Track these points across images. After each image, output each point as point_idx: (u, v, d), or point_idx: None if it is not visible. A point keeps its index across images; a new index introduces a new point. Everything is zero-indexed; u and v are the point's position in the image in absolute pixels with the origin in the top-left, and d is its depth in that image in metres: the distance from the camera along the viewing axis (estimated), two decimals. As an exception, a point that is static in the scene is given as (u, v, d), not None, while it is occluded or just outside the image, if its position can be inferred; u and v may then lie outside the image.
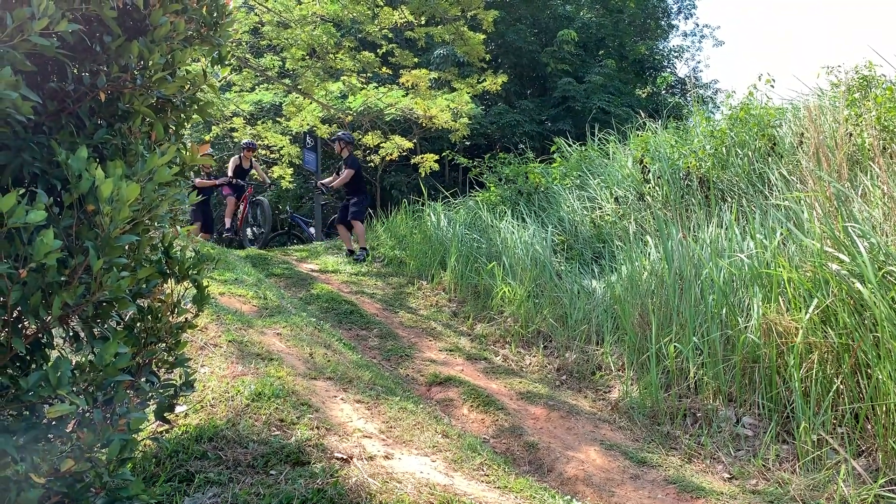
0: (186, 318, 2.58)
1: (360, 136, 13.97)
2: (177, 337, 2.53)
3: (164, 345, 2.47)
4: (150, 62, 2.25)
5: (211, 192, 12.15)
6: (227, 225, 11.81)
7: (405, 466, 3.16)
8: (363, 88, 13.29)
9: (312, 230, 14.08)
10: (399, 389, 4.84)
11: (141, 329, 2.36)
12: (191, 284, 2.54)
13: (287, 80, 13.23)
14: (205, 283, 2.56)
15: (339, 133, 10.74)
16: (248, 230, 12.50)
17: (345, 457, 3.06)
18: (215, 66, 2.83)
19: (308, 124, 13.34)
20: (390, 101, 13.40)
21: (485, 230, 9.69)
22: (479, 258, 8.87)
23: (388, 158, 14.16)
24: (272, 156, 14.74)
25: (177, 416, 3.23)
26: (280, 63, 12.88)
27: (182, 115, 2.62)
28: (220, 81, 2.86)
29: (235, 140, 14.77)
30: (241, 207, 11.86)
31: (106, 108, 2.28)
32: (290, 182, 14.56)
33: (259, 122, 14.57)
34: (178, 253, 2.48)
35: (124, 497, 2.12)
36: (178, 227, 2.57)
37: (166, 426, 3.07)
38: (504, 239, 8.85)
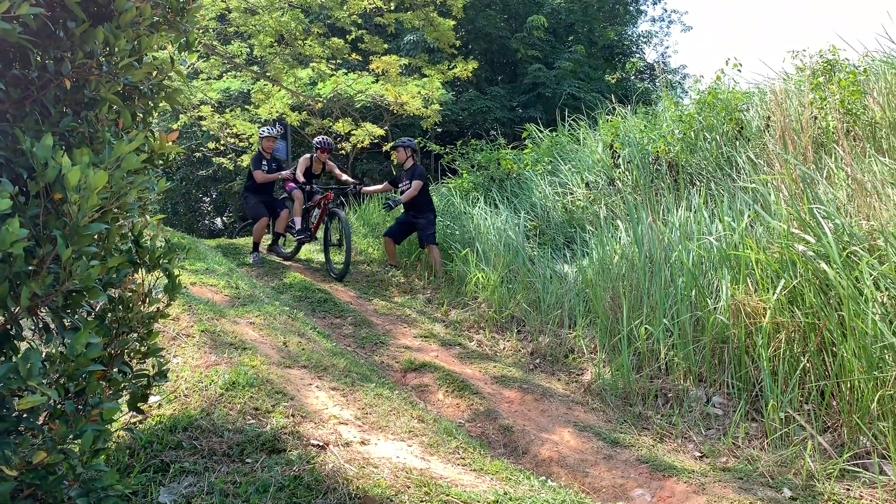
0: (158, 308, 2.56)
1: (331, 124, 13.87)
2: (149, 326, 2.51)
3: (135, 335, 2.45)
4: (116, 48, 2.22)
5: (271, 185, 9.95)
6: (298, 225, 9.41)
7: (382, 452, 3.18)
8: (333, 75, 13.18)
9: (284, 219, 13.97)
10: (374, 376, 4.84)
11: (112, 319, 2.34)
12: (162, 274, 2.52)
13: (255, 68, 13.08)
14: (176, 273, 2.53)
15: (403, 139, 9.44)
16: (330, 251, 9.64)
17: (321, 443, 3.07)
18: (183, 53, 2.79)
19: (277, 112, 13.20)
20: (360, 88, 13.30)
21: (458, 217, 9.71)
22: (453, 244, 8.90)
23: (359, 146, 14.07)
24: (241, 144, 14.56)
25: (150, 406, 3.20)
26: (248, 50, 12.72)
27: (150, 103, 2.58)
28: (187, 69, 2.82)
29: (204, 129, 14.56)
30: (318, 213, 9.39)
31: (71, 96, 2.24)
32: (260, 171, 14.40)
33: (227, 111, 14.38)
34: (149, 242, 2.46)
35: (99, 488, 2.11)
36: (148, 217, 2.55)
37: (140, 417, 3.05)
38: (477, 225, 8.88)
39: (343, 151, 14.48)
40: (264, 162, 9.58)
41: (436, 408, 5.02)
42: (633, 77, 22.14)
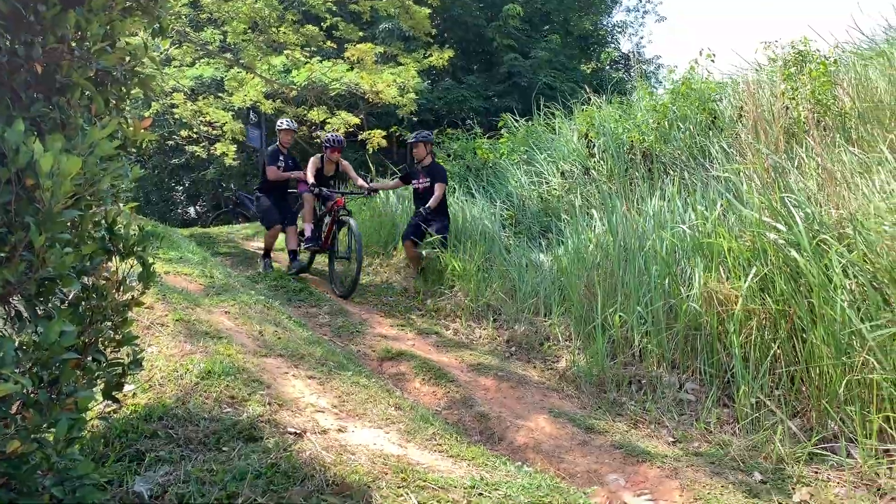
0: (133, 296, 2.53)
1: (305, 112, 13.78)
2: (123, 315, 2.49)
3: (110, 323, 2.42)
4: (89, 33, 2.19)
5: (285, 186, 8.81)
6: (308, 233, 8.29)
7: (359, 439, 3.19)
8: (307, 63, 13.08)
9: (258, 208, 13.87)
10: (351, 365, 4.85)
11: (86, 307, 2.31)
12: (136, 262, 2.49)
13: (228, 55, 12.94)
14: (150, 261, 2.51)
15: (424, 133, 8.69)
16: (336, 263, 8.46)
17: (298, 431, 3.07)
18: (156, 39, 2.76)
19: (251, 99, 13.09)
20: (335, 76, 13.22)
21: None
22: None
23: (334, 134, 14.00)
24: (214, 132, 14.41)
25: (125, 395, 3.18)
26: (221, 37, 12.58)
27: (123, 89, 2.55)
28: (160, 55, 2.79)
29: (177, 117, 14.38)
30: (328, 220, 8.19)
31: (43, 81, 2.20)
32: (233, 159, 14.26)
33: (200, 98, 14.22)
34: (122, 230, 2.43)
35: (74, 477, 2.09)
36: (121, 205, 2.52)
37: (115, 406, 3.02)
38: (453, 214, 8.89)
39: (318, 140, 14.37)
40: (281, 158, 8.51)
41: (412, 396, 5.03)
42: (608, 67, 22.22)
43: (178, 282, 5.45)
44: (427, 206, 7.99)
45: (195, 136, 14.96)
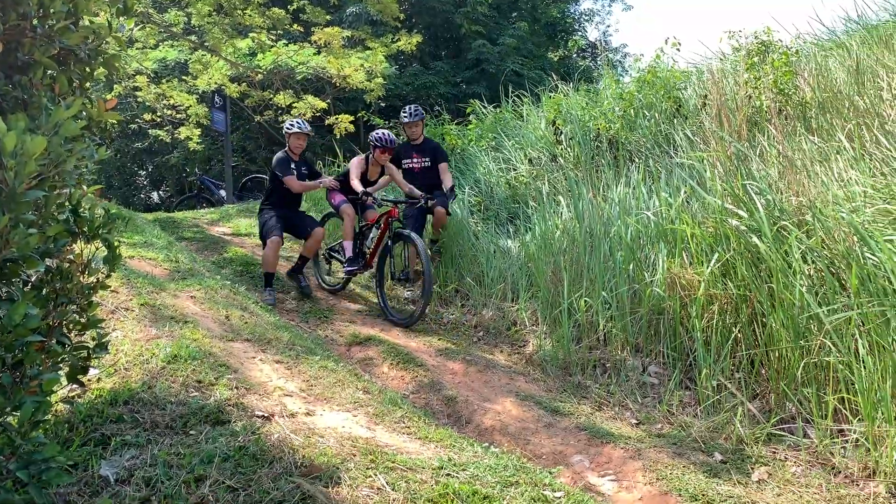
0: (98, 279, 2.51)
1: (271, 96, 13.62)
2: (88, 298, 2.46)
3: (75, 306, 2.40)
4: (52, 10, 2.15)
5: (298, 198, 7.43)
6: (349, 252, 6.83)
7: (327, 422, 3.20)
8: (273, 46, 12.92)
9: (223, 192, 13.73)
10: (319, 349, 4.85)
11: (50, 290, 2.28)
12: (101, 244, 2.47)
13: (193, 37, 12.73)
14: (116, 243, 2.49)
15: (419, 110, 7.78)
16: (390, 287, 7.22)
17: (266, 414, 3.07)
18: (120, 18, 2.71)
19: (216, 83, 12.89)
20: (302, 60, 13.08)
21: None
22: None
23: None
24: (178, 116, 14.18)
25: (90, 379, 3.15)
26: (185, 19, 12.35)
27: (86, 68, 2.51)
28: (123, 35, 2.75)
29: (139, 100, 14.12)
30: (377, 233, 6.81)
31: (3, 59, 2.16)
32: (197, 143, 14.05)
33: (164, 81, 13.97)
34: (87, 212, 2.40)
35: (39, 461, 2.07)
36: (85, 187, 2.48)
37: (79, 389, 3.00)
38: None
39: (282, 124, 14.23)
40: (293, 165, 7.07)
41: (381, 380, 5.05)
42: (575, 55, 22.34)
43: (143, 266, 5.39)
44: (449, 188, 7.15)
45: (158, 119, 14.68)
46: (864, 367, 3.88)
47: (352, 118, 13.37)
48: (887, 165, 5.19)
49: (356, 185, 6.69)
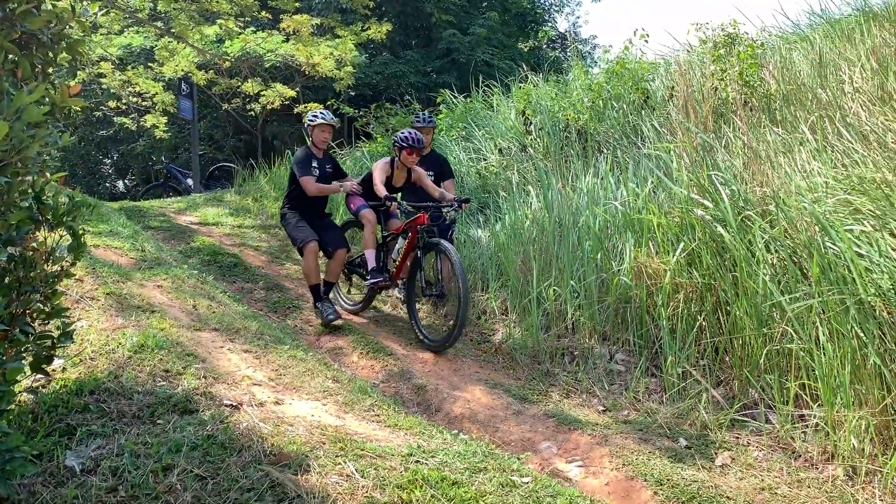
0: (62, 267, 2.48)
1: (239, 84, 13.46)
2: (52, 286, 2.44)
3: (39, 294, 2.37)
4: (13, -7, 2.11)
5: (323, 201, 6.52)
6: (372, 263, 6.08)
7: (296, 411, 3.20)
8: (241, 33, 12.75)
9: (190, 181, 13.57)
10: (288, 339, 4.83)
11: (13, 278, 2.25)
12: (65, 232, 2.44)
13: (159, 24, 12.51)
14: (81, 231, 2.46)
15: (431, 117, 7.26)
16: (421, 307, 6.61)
17: (234, 404, 3.06)
18: (84, 2, 2.67)
19: (183, 70, 12.71)
20: (270, 47, 12.93)
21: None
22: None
23: (269, 107, 13.73)
24: (144, 103, 13.95)
25: (55, 369, 3.10)
26: (151, 5, 12.14)
27: (49, 53, 2.47)
28: (87, 20, 2.70)
29: (104, 87, 13.86)
30: (404, 243, 6.06)
31: (-37, 42, 2.12)
32: (164, 132, 13.85)
33: (129, 68, 13.73)
34: (51, 199, 2.37)
35: (3, 451, 2.05)
36: (49, 174, 2.45)
37: (44, 379, 2.96)
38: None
39: (252, 113, 14.09)
40: (315, 164, 6.23)
41: (351, 369, 5.06)
42: (545, 46, 22.35)
43: (109, 255, 5.31)
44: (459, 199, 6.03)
45: (124, 107, 14.43)
46: (824, 354, 3.98)
47: (321, 107, 13.27)
48: (848, 157, 5.30)
49: (380, 189, 5.88)
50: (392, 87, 17.18)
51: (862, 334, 3.88)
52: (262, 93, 13.49)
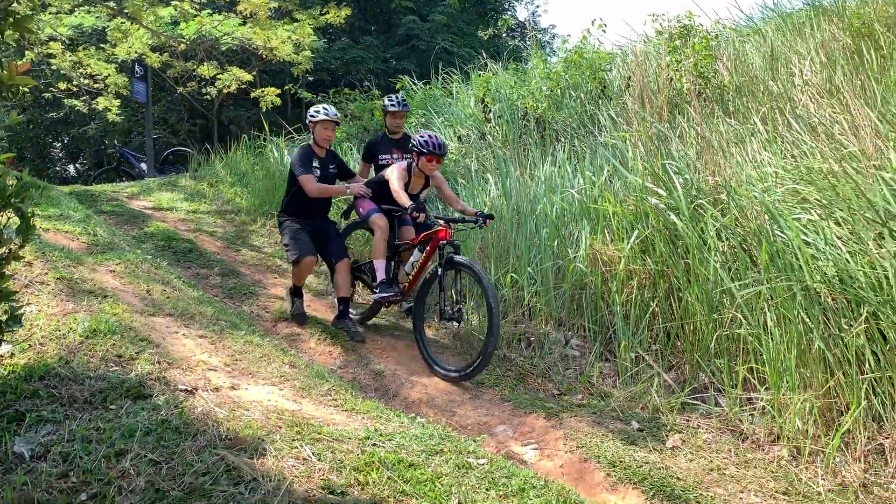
0: (10, 250, 2.42)
1: (195, 67, 13.21)
2: (0, 269, 2.38)
3: (-15, 277, 2.31)
4: (-43, -34, 2.04)
5: (324, 205, 5.95)
6: (382, 274, 5.51)
7: (252, 395, 3.18)
8: (197, 15, 12.49)
9: (144, 166, 13.29)
10: (244, 324, 4.79)
11: (-42, 260, 2.20)
12: (13, 214, 2.38)
13: (112, 3, 12.19)
14: (29, 213, 2.40)
15: (405, 100, 6.82)
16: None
17: (189, 388, 3.03)
18: (32, -22, 2.60)
19: (136, 52, 12.41)
20: (227, 30, 12.70)
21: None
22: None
23: (225, 91, 13.51)
24: (96, 85, 13.59)
25: (2, 355, 3.04)
26: (103, -17, 11.83)
27: (-5, 29, 2.40)
28: (36, -4, 2.62)
29: (54, 68, 13.47)
30: (420, 256, 5.45)
31: None
32: (116, 115, 13.51)
33: (80, 49, 13.35)
34: (-2, 179, 2.31)
35: (-52, 436, 2.01)
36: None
37: (-9, 364, 2.89)
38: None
39: (208, 97, 13.84)
40: (316, 163, 5.72)
41: (308, 355, 5.04)
42: (504, 34, 22.40)
43: (59, 239, 5.19)
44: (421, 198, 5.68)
45: (75, 89, 14.04)
46: (772, 339, 4.10)
47: (279, 91, 13.10)
48: (797, 148, 5.44)
49: (401, 196, 5.26)
50: (351, 73, 17.04)
51: (807, 320, 4.01)
52: (218, 76, 13.26)
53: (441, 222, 5.20)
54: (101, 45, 13.29)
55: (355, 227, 6.29)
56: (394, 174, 5.46)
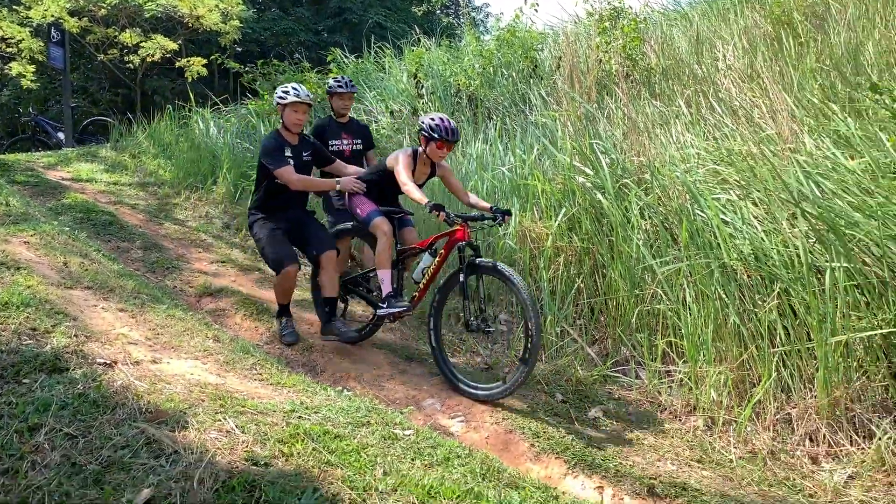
0: (-88, 216, 2.30)
1: (116, 33, 12.70)
2: None
3: None
4: None
5: (300, 197, 5.09)
6: (387, 287, 4.67)
7: (174, 369, 3.12)
8: (119, -21, 12.02)
9: (62, 135, 12.72)
10: (166, 299, 4.67)
11: None
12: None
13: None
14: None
15: (350, 81, 6.09)
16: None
17: (108, 362, 2.94)
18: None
19: (53, 15, 11.83)
20: (151, -4, 12.26)
21: (259, 141, 9.38)
22: (254, 169, 8.60)
23: (149, 60, 13.04)
24: (9, 50, 12.91)
25: None
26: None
27: None
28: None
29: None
30: (432, 261, 4.64)
31: None
32: (32, 81, 12.88)
33: (-10, 9, 12.66)
34: None
35: None
36: None
37: None
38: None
39: (131, 65, 13.33)
40: (289, 152, 4.87)
41: (233, 331, 4.96)
42: (438, 11, 22.29)
43: (-33, 209, 4.95)
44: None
45: (-16, 52, 13.32)
46: (690, 314, 4.26)
47: (205, 62, 12.75)
48: (718, 130, 5.63)
49: (415, 194, 4.49)
50: (281, 45, 16.70)
51: (724, 296, 4.18)
52: (141, 44, 12.79)
53: (459, 220, 4.48)
54: (15, 7, 12.62)
55: (344, 233, 5.28)
56: (400, 163, 4.64)
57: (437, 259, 4.62)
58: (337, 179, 4.87)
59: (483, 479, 2.57)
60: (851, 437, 3.59)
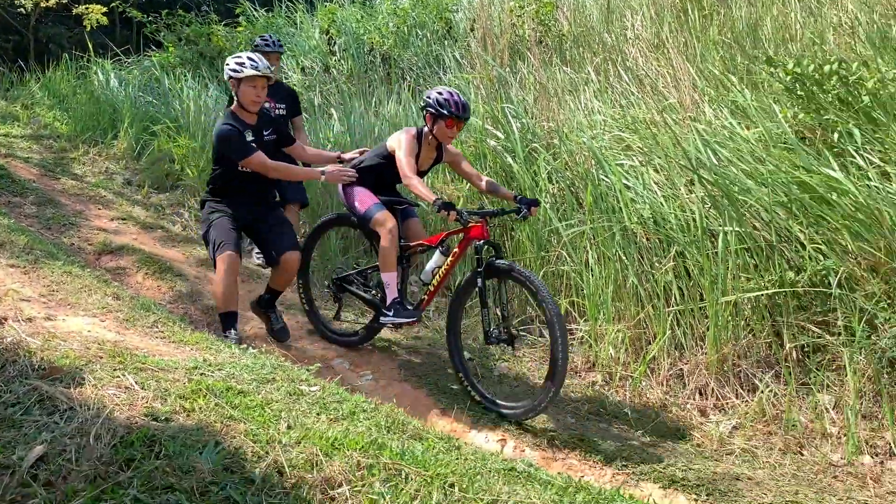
0: None
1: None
2: None
3: None
4: None
5: (267, 184, 4.35)
6: (392, 293, 4.14)
7: (71, 326, 3.01)
8: (8, -85, 11.18)
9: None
10: (63, 255, 4.48)
11: None
12: None
13: None
14: None
15: (279, 42, 5.84)
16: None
17: (-3, 319, 2.82)
18: None
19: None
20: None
21: (164, 94, 9.01)
22: (157, 124, 8.28)
23: (43, 5, 12.24)
24: None
25: None
26: None
27: None
28: None
29: None
30: (444, 261, 4.10)
31: None
32: None
33: None
34: None
35: None
36: None
37: None
38: (185, 105, 8.35)
39: (23, 10, 12.48)
40: (249, 135, 4.11)
41: (134, 290, 4.81)
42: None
43: None
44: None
45: None
46: (592, 275, 4.41)
47: (105, 9, 12.05)
48: (625, 98, 5.78)
49: (418, 187, 3.93)
50: (188, -5, 15.96)
51: (624, 258, 4.35)
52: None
53: (476, 217, 3.93)
54: None
55: (328, 226, 4.88)
56: (402, 148, 4.02)
57: (449, 258, 4.08)
58: (322, 169, 4.18)
59: (388, 432, 2.61)
60: (737, 390, 3.83)
